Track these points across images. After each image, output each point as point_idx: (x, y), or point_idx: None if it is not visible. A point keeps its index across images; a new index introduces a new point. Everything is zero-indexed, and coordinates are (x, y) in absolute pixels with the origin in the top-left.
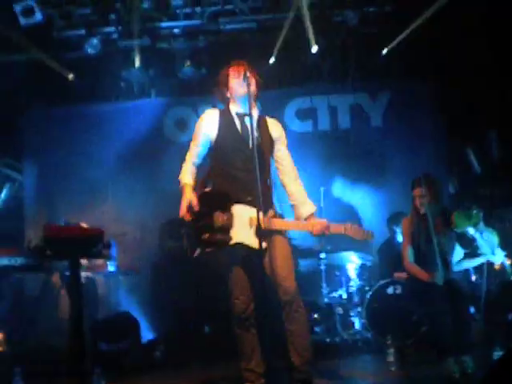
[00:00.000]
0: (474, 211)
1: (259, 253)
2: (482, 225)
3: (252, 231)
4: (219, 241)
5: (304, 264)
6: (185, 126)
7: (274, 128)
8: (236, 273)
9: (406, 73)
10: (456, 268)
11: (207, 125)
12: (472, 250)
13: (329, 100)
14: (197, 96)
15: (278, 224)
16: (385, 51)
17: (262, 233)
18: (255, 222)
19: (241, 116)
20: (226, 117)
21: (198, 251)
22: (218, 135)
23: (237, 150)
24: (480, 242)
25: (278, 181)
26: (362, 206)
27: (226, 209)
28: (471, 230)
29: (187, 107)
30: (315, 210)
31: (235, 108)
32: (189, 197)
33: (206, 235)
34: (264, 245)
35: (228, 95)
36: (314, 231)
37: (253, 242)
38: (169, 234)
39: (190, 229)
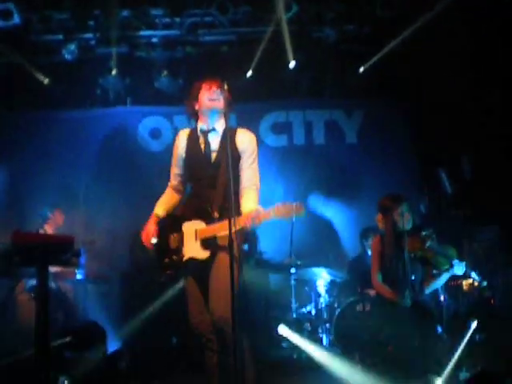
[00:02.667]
0: (424, 233)
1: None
2: (435, 243)
3: (198, 243)
4: (175, 261)
5: (274, 278)
6: (159, 136)
7: (242, 140)
8: (191, 290)
9: (381, 92)
10: (427, 291)
11: (179, 146)
12: (432, 269)
13: (304, 115)
14: (173, 106)
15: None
16: (361, 69)
17: (208, 243)
18: (199, 234)
19: (204, 132)
20: (192, 135)
21: (163, 277)
22: (186, 155)
23: (200, 168)
24: (438, 259)
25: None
26: (336, 221)
27: (177, 229)
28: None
29: (162, 117)
30: (256, 208)
31: (201, 124)
32: (147, 228)
33: (166, 259)
34: (206, 254)
35: (196, 108)
36: (242, 225)
37: (200, 253)
38: (139, 246)
39: (154, 255)
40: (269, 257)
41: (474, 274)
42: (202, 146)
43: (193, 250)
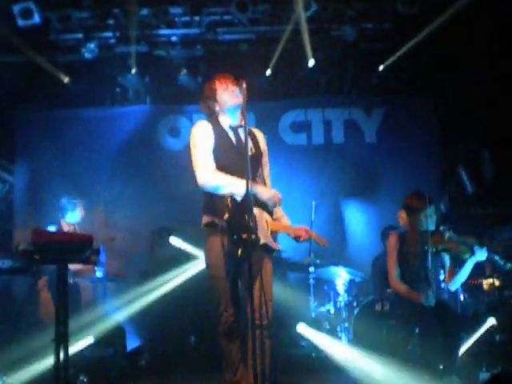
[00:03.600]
0: (442, 227)
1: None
2: (451, 233)
3: (269, 233)
4: (253, 241)
5: (293, 277)
6: (178, 134)
7: (262, 139)
8: (226, 283)
9: (401, 90)
10: (453, 287)
11: (207, 136)
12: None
13: (324, 114)
14: (192, 105)
15: (276, 226)
16: (381, 67)
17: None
18: (270, 225)
19: (235, 128)
20: (219, 129)
21: (240, 250)
22: (215, 148)
23: (234, 163)
24: (460, 248)
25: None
26: (354, 221)
27: (249, 211)
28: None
29: (182, 115)
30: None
31: (226, 121)
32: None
33: (244, 235)
34: (279, 246)
35: (217, 108)
36: (282, 231)
37: (274, 244)
38: (159, 243)
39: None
40: (287, 255)
41: (497, 258)
42: (234, 141)
43: (267, 237)
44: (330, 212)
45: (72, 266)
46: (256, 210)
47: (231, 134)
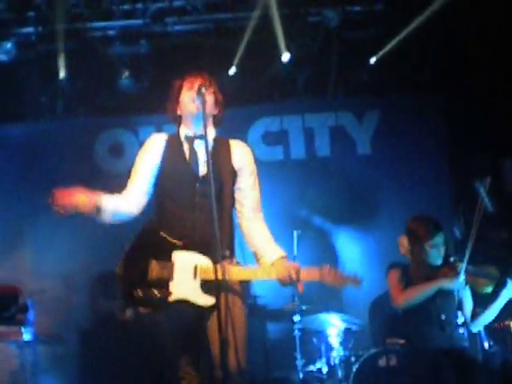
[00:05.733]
0: (452, 258)
1: (208, 312)
2: (467, 264)
3: (197, 284)
4: (156, 298)
5: (274, 329)
6: (121, 153)
7: (239, 153)
8: (178, 340)
9: (400, 87)
10: (475, 327)
11: (152, 151)
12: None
13: (304, 120)
14: (137, 115)
15: (233, 274)
16: (373, 60)
17: (215, 286)
18: (203, 273)
19: (190, 139)
20: (173, 142)
21: (129, 313)
22: (162, 165)
23: (183, 182)
24: (477, 281)
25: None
26: (347, 254)
27: (164, 256)
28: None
29: (125, 129)
30: (285, 254)
31: (185, 130)
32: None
33: (139, 291)
34: (211, 301)
35: (179, 112)
36: (281, 278)
37: (199, 298)
38: (102, 292)
39: (118, 283)
40: (265, 302)
41: None
42: (187, 155)
43: (188, 290)
44: (317, 244)
45: None
46: (180, 255)
47: (186, 147)
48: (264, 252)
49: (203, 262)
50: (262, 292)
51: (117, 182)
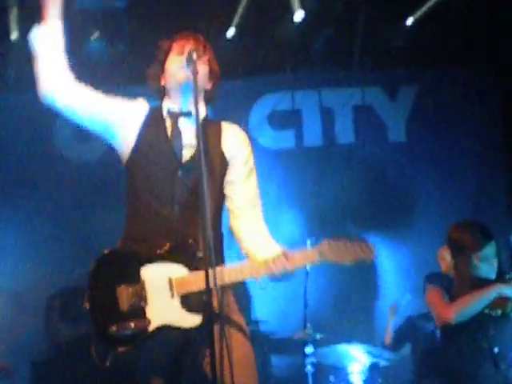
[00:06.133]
0: (508, 276)
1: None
2: None
3: (177, 302)
4: (132, 332)
5: (280, 364)
6: (89, 137)
7: (231, 138)
8: (162, 377)
9: (443, 57)
10: None
11: (130, 126)
12: None
13: (321, 97)
14: (109, 88)
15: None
16: (410, 21)
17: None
18: (181, 286)
19: (174, 116)
20: (154, 116)
21: (109, 359)
22: (138, 141)
23: (162, 167)
24: None
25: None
26: (376, 269)
27: (132, 276)
28: None
29: None
30: (284, 250)
31: (169, 104)
32: None
33: (113, 327)
34: (198, 319)
35: (162, 82)
36: (274, 268)
37: (184, 319)
38: (61, 314)
39: (91, 323)
40: (269, 329)
41: None
42: (170, 135)
43: (168, 312)
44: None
45: None
46: (149, 270)
47: (169, 124)
48: (257, 250)
49: (178, 272)
50: (265, 316)
51: (84, 174)
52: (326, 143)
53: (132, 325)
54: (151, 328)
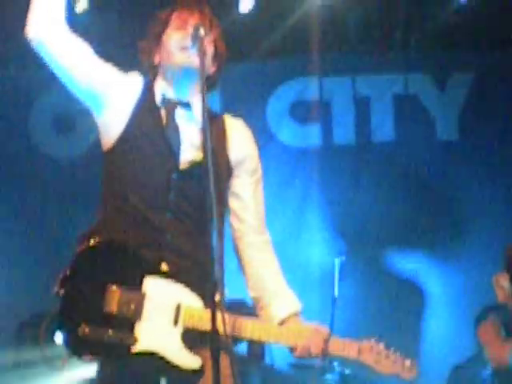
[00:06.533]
0: None
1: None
2: None
3: (178, 333)
4: (111, 342)
5: None
6: (73, 126)
7: (239, 140)
8: None
9: (503, 38)
10: None
11: (121, 87)
12: None
13: (355, 85)
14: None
15: (243, 329)
16: None
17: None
18: (190, 318)
19: (170, 105)
20: (146, 100)
21: (64, 360)
22: (126, 130)
23: (154, 164)
24: None
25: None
26: (414, 296)
27: (132, 281)
28: None
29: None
30: (299, 308)
31: (163, 88)
32: None
33: (86, 329)
34: (196, 364)
35: (157, 60)
36: (297, 348)
37: (179, 355)
38: (33, 341)
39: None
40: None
41: None
42: (164, 126)
43: (163, 340)
44: (370, 278)
45: None
46: (152, 284)
47: (163, 114)
48: (269, 301)
49: (189, 300)
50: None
51: (64, 171)
52: (360, 141)
53: (112, 333)
54: (136, 349)
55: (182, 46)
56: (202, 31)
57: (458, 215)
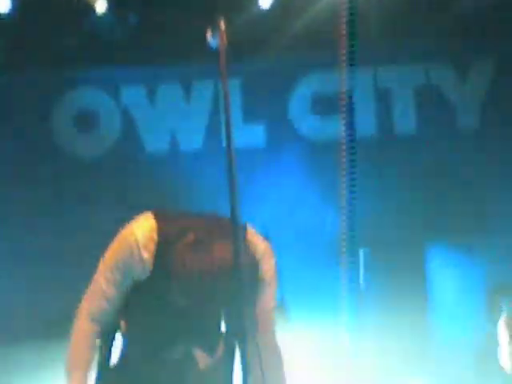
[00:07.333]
0: None
1: None
2: None
3: None
4: None
5: None
6: (94, 124)
7: (268, 263)
8: None
9: None
10: None
11: (137, 250)
12: None
13: (376, 77)
14: (119, 67)
15: None
16: None
17: None
18: None
19: None
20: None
21: None
22: (154, 271)
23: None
24: None
25: None
26: (437, 288)
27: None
28: None
29: (99, 88)
30: None
31: None
32: None
33: None
34: None
35: None
36: None
37: None
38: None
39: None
40: None
41: None
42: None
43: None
44: (393, 266)
45: None
46: None
47: None
48: None
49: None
50: None
51: (87, 171)
52: (382, 133)
53: None
54: None
55: None
56: (222, 25)
57: (481, 209)
